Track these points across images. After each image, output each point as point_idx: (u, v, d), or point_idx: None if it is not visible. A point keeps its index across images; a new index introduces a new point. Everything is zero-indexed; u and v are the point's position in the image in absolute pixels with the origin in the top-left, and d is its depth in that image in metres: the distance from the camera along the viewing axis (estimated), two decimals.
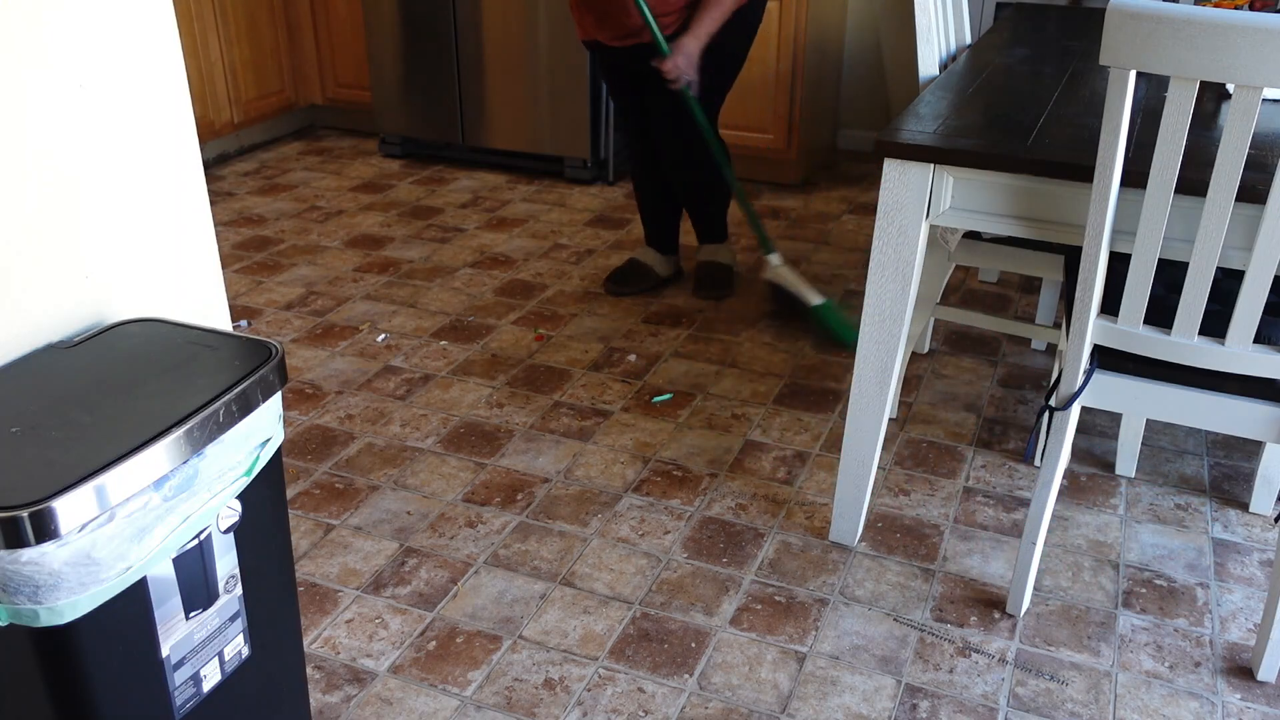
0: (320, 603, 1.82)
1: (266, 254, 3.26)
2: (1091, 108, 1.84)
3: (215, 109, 3.85)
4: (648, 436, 2.32)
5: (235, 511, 1.20)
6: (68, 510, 0.99)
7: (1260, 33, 1.28)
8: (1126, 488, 2.15)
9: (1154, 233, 1.47)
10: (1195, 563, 1.94)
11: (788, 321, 2.86)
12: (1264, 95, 1.34)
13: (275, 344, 1.24)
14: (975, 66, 2.15)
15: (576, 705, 1.62)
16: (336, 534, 2.00)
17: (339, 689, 1.65)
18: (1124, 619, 1.80)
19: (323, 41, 4.21)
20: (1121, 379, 1.64)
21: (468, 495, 2.11)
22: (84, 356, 1.23)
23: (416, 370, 2.59)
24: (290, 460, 2.22)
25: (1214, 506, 2.10)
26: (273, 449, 1.24)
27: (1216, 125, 1.71)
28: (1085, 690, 1.66)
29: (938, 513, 2.07)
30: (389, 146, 4.15)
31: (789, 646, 1.74)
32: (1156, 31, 1.33)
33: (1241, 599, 1.85)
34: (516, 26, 3.70)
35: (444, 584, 1.86)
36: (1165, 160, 1.41)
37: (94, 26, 1.25)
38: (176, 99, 1.37)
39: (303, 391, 2.49)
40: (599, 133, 3.79)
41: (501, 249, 3.32)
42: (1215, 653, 1.73)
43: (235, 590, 1.24)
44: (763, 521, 2.04)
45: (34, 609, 1.02)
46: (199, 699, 1.23)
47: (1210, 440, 2.31)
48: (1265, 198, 1.39)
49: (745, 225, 3.47)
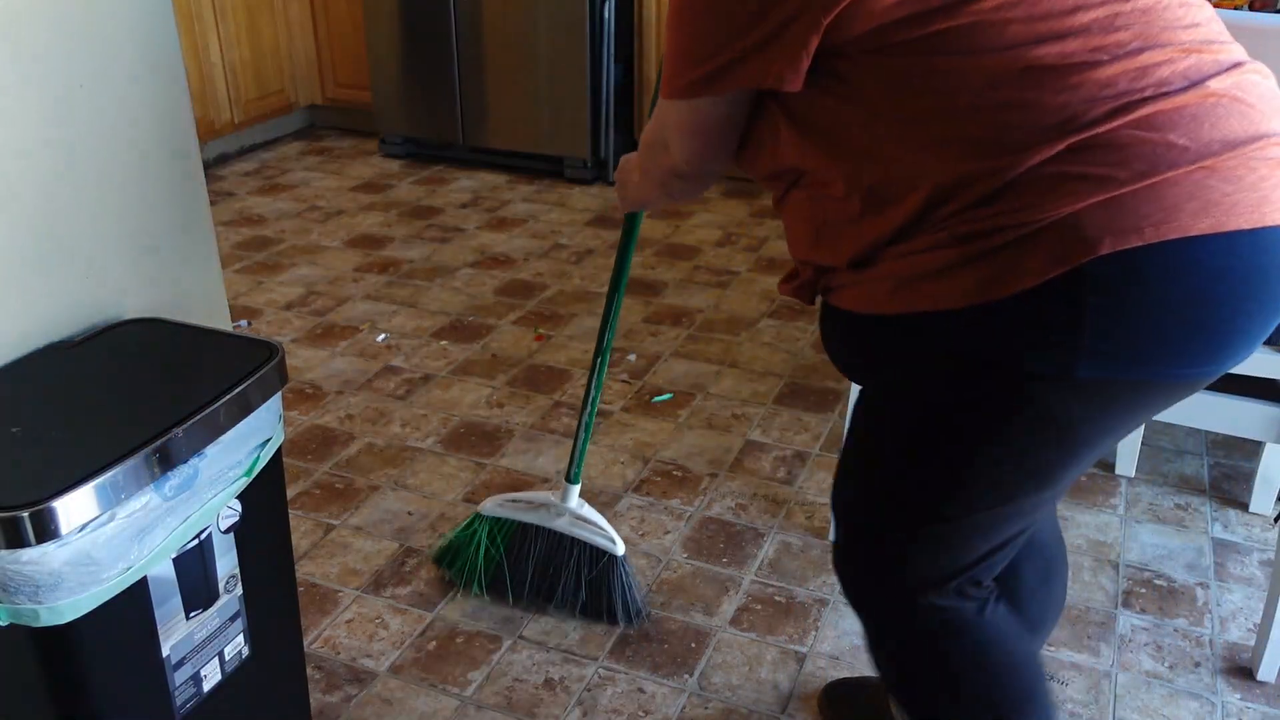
0: (320, 603, 1.83)
1: (267, 254, 3.26)
2: None
3: (215, 109, 3.85)
4: (648, 436, 2.32)
5: (235, 511, 1.21)
6: (68, 510, 0.99)
7: (1260, 33, 1.28)
8: (1126, 487, 2.15)
9: None
10: (1195, 563, 1.94)
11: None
12: None
13: (275, 344, 1.24)
14: None
15: (576, 705, 1.62)
16: (336, 534, 2.00)
17: (339, 689, 1.65)
18: (1124, 619, 1.80)
19: (322, 41, 4.21)
20: None
21: (468, 495, 2.11)
22: (85, 356, 1.23)
23: (416, 370, 2.59)
24: (290, 460, 2.22)
25: (1214, 506, 2.10)
26: (273, 449, 1.25)
27: None
28: (1085, 690, 1.66)
29: None
30: (389, 146, 4.15)
31: (789, 646, 1.74)
32: None
33: (1241, 599, 1.85)
34: (516, 26, 3.70)
35: (444, 584, 1.86)
36: None
37: (94, 26, 1.25)
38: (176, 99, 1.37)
39: (303, 391, 2.49)
40: (599, 133, 3.79)
41: (502, 249, 3.32)
42: (1215, 653, 1.73)
43: (235, 590, 1.25)
44: (763, 521, 2.04)
45: (34, 609, 1.03)
46: (199, 699, 1.24)
47: (1210, 440, 2.31)
48: None
49: None
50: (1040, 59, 0.90)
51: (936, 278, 0.95)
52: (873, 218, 0.98)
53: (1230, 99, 0.93)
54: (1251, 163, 0.91)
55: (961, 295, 0.94)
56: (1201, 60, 0.94)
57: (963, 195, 0.93)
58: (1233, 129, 0.92)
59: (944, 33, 0.91)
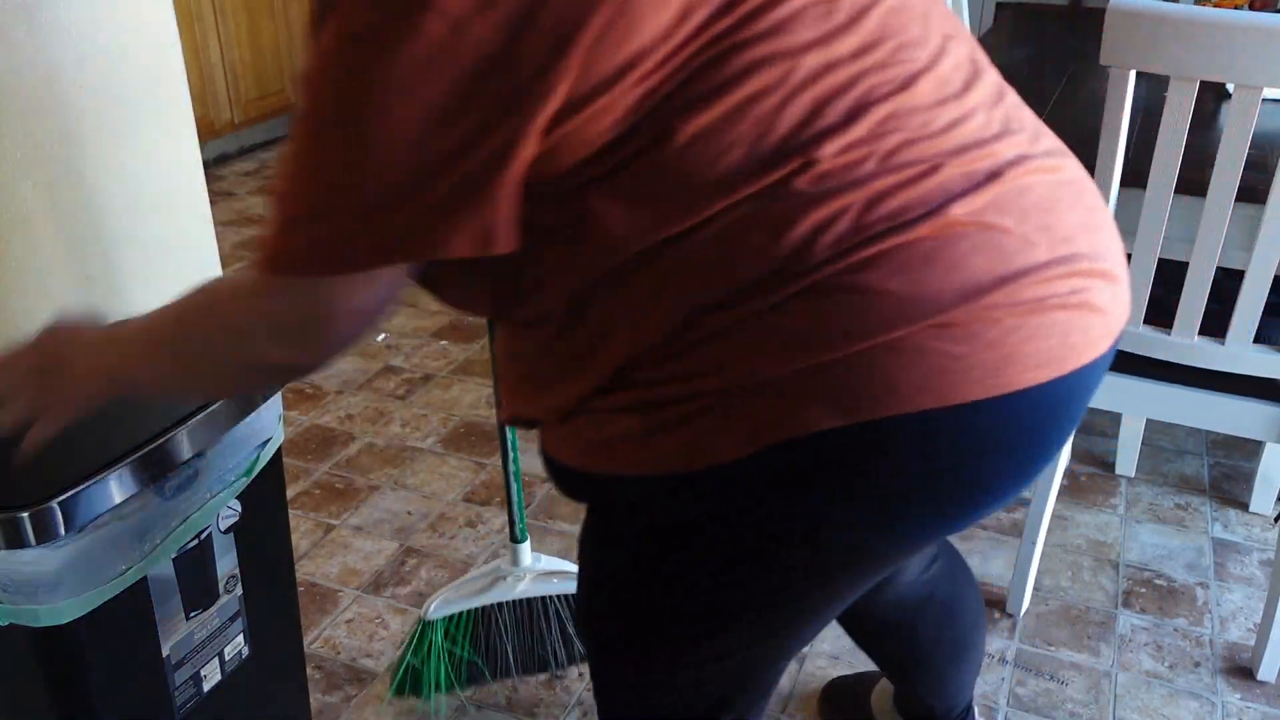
0: (320, 603, 1.82)
1: None
2: (1091, 108, 1.84)
3: (215, 109, 3.85)
4: None
5: (235, 511, 1.21)
6: (68, 510, 0.99)
7: (1260, 33, 1.28)
8: (1126, 487, 2.15)
9: (1154, 233, 1.47)
10: (1195, 562, 1.94)
11: None
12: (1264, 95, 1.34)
13: None
14: None
15: (577, 705, 1.62)
16: (336, 534, 2.00)
17: (339, 689, 1.65)
18: (1124, 619, 1.80)
19: None
20: (1121, 379, 1.64)
21: (468, 495, 2.11)
22: None
23: (416, 370, 2.59)
24: (290, 460, 2.22)
25: (1214, 506, 2.10)
26: (273, 449, 1.24)
27: (1216, 125, 1.71)
28: (1085, 690, 1.66)
29: None
30: None
31: None
32: (1156, 31, 1.33)
33: (1241, 599, 1.85)
34: None
35: (444, 584, 1.86)
36: (1165, 160, 1.41)
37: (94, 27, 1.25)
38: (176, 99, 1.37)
39: (303, 391, 2.49)
40: None
41: None
42: (1215, 652, 1.73)
43: (235, 590, 1.25)
44: None
45: (34, 609, 1.02)
46: (199, 699, 1.23)
47: (1210, 440, 2.31)
48: (1265, 198, 1.39)
49: None
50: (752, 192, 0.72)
51: (631, 440, 0.79)
52: (573, 372, 0.81)
53: (978, 228, 0.74)
54: (995, 313, 0.73)
55: (658, 462, 0.78)
56: (951, 177, 0.74)
57: (654, 354, 0.76)
58: (974, 270, 0.73)
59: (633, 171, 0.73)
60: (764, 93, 0.72)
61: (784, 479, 0.76)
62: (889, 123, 0.74)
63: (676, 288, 0.74)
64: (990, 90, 0.81)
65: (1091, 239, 0.80)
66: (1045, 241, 0.76)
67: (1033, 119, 0.85)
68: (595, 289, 0.76)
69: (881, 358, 0.72)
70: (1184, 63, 1.33)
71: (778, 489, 0.77)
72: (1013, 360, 0.74)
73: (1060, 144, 0.85)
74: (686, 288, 0.74)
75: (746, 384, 0.74)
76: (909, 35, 0.77)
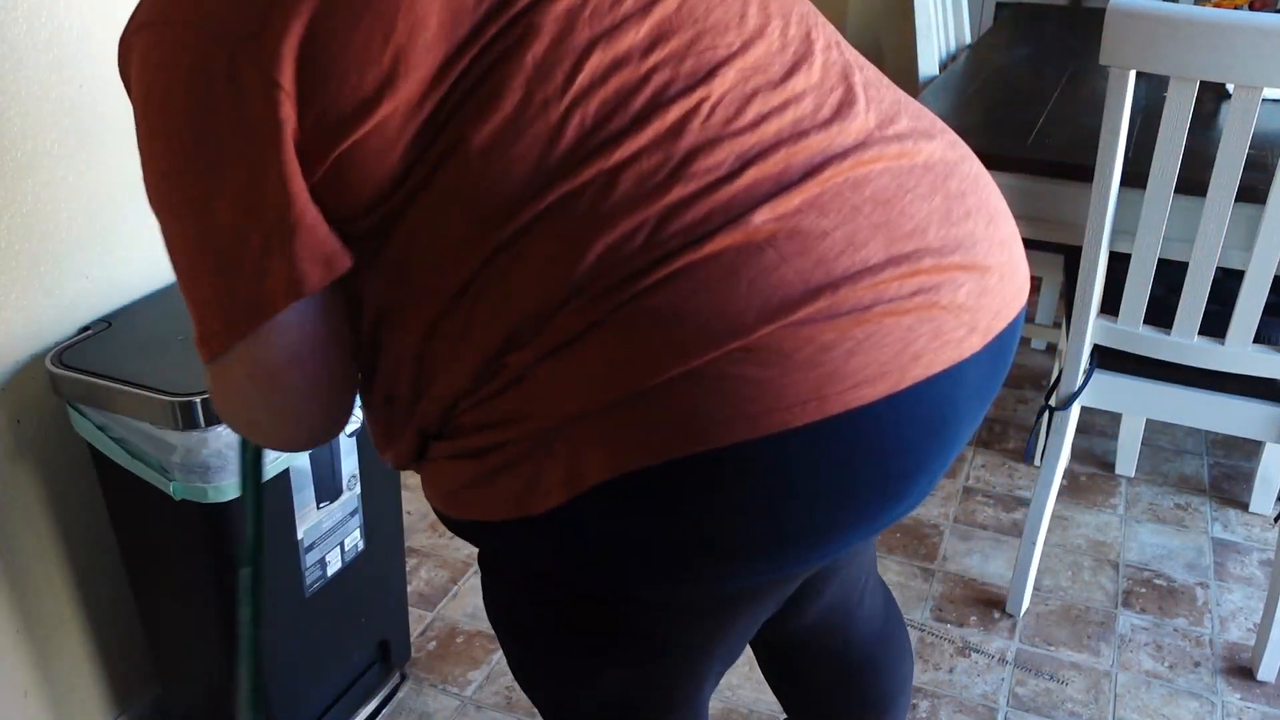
0: None
1: None
2: (1091, 108, 1.84)
3: None
4: None
5: (358, 417, 1.32)
6: None
7: (1260, 33, 1.28)
8: (1126, 487, 2.15)
9: (1153, 232, 1.48)
10: (1195, 562, 1.94)
11: None
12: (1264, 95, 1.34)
13: None
14: (975, 66, 2.15)
15: None
16: None
17: None
18: (1124, 618, 1.81)
19: None
20: (1121, 379, 1.64)
21: None
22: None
23: None
24: None
25: (1214, 506, 2.10)
26: None
27: (1216, 125, 1.71)
28: (1085, 690, 1.66)
29: (937, 512, 2.07)
30: None
31: None
32: (1156, 31, 1.33)
33: (1241, 599, 1.85)
34: None
35: (444, 583, 1.86)
36: (1165, 160, 1.41)
37: (94, 26, 1.25)
38: None
39: None
40: None
41: None
42: (1215, 652, 1.73)
43: (355, 489, 1.39)
44: None
45: (203, 487, 1.18)
46: (324, 581, 1.39)
47: (1210, 440, 2.31)
48: (1265, 198, 1.40)
49: None
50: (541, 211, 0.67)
51: (471, 487, 0.74)
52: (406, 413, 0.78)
53: (787, 234, 0.66)
54: (807, 330, 0.65)
55: (497, 507, 0.74)
56: (757, 179, 0.67)
57: (468, 399, 0.72)
58: (781, 283, 0.65)
59: None
60: (546, 102, 0.66)
61: (609, 521, 0.69)
62: (684, 123, 0.67)
63: (481, 328, 0.69)
64: (829, 71, 0.73)
65: (951, 230, 0.72)
66: (880, 240, 0.68)
67: (893, 98, 0.76)
68: (421, 337, 0.72)
69: (682, 389, 0.64)
70: (1184, 63, 1.33)
71: (606, 532, 0.70)
72: (835, 379, 0.66)
73: (930, 124, 0.76)
74: (487, 325, 0.69)
75: (557, 426, 0.67)
76: (715, 19, 0.70)
